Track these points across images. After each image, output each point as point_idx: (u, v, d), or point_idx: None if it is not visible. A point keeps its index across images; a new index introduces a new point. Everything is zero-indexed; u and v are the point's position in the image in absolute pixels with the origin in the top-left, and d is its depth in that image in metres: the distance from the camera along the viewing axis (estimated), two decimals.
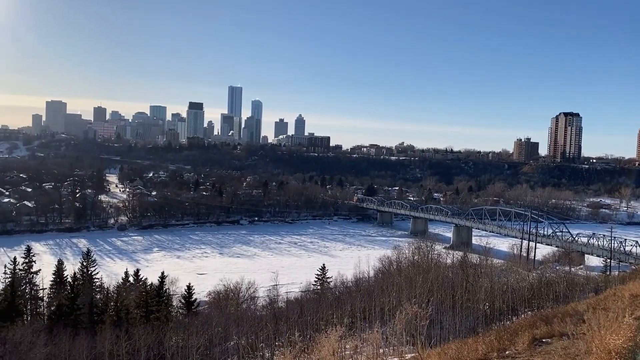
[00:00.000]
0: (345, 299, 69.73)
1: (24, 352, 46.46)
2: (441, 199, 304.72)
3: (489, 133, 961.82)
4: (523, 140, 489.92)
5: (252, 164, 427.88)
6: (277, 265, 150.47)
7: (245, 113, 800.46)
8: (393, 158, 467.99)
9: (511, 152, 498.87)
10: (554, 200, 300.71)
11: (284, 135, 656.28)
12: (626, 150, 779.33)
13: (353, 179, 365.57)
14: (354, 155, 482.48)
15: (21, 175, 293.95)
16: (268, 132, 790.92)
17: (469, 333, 54.33)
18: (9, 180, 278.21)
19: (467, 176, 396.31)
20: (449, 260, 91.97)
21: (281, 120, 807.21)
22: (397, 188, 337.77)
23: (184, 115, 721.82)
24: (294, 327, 56.94)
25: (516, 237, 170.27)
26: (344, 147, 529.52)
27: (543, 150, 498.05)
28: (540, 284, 67.80)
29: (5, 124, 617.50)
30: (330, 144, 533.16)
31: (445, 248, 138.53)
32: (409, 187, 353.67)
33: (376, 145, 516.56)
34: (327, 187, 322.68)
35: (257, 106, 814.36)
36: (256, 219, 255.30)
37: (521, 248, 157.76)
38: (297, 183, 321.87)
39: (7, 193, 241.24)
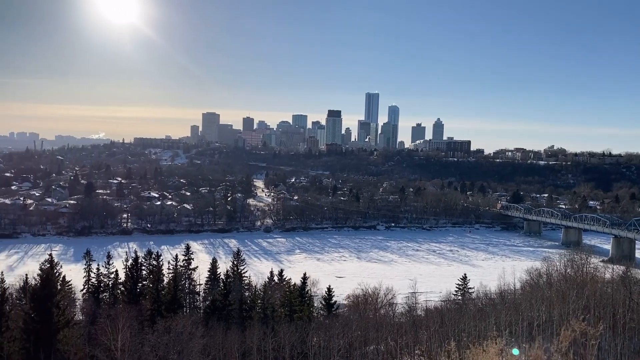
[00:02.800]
0: (488, 311, 66.36)
1: (185, 342, 51.38)
2: (597, 207, 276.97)
3: None
4: None
5: (388, 169, 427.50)
6: (415, 273, 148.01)
7: (382, 119, 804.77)
8: (541, 162, 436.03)
9: None
10: None
11: (421, 140, 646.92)
12: None
13: (496, 185, 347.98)
14: (497, 160, 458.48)
15: (181, 180, 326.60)
16: (405, 137, 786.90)
17: (634, 357, 48.63)
18: (171, 184, 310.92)
19: (629, 182, 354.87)
20: (607, 275, 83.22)
21: (418, 125, 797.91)
22: (546, 195, 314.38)
23: (323, 122, 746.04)
24: (434, 337, 55.69)
25: None
26: (486, 152, 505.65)
27: None
28: None
29: (168, 134, 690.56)
30: (471, 148, 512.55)
31: (602, 261, 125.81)
32: (560, 194, 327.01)
33: (522, 149, 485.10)
34: (468, 193, 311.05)
35: (393, 111, 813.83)
36: (393, 224, 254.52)
37: None
38: (435, 189, 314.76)
39: (170, 196, 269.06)
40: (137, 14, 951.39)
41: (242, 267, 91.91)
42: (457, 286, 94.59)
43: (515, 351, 56.86)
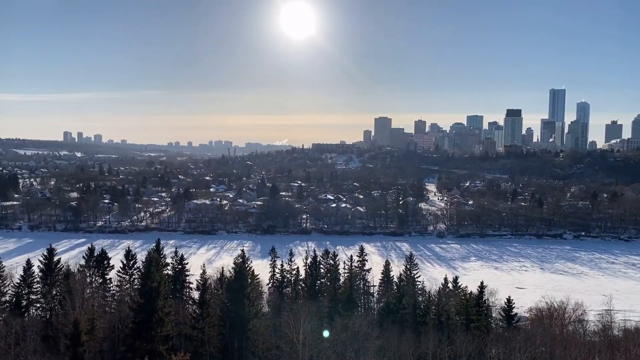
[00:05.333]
0: None
1: (360, 341, 52.77)
2: None
3: None
4: None
5: (577, 172, 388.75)
6: (610, 288, 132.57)
7: (569, 117, 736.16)
8: None
9: None
10: None
11: (618, 140, 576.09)
12: None
13: None
14: None
15: (355, 183, 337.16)
16: (596, 136, 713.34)
17: None
18: (345, 187, 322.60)
19: None
20: None
21: (613, 122, 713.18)
22: None
23: (501, 123, 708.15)
24: None
25: None
26: None
27: None
28: None
29: (343, 140, 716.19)
30: None
31: None
32: None
33: None
34: None
35: (583, 108, 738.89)
36: (582, 233, 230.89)
37: None
38: (635, 194, 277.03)
39: (344, 199, 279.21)
40: (314, 27, 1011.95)
41: (415, 272, 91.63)
42: None
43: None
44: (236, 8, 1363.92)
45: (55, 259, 73.41)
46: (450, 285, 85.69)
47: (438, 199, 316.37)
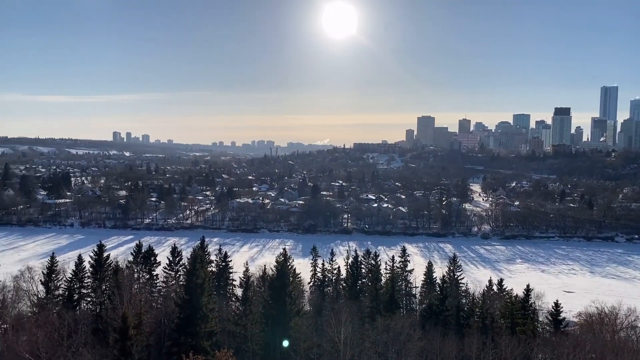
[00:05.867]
0: None
1: (402, 342, 52.29)
2: None
3: None
4: None
5: (630, 173, 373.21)
6: None
7: (622, 115, 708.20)
8: None
9: None
10: None
11: None
12: None
13: None
14: None
15: (397, 183, 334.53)
16: None
17: None
18: (387, 187, 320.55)
19: None
20: None
21: None
22: None
23: (549, 121, 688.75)
24: None
25: None
26: None
27: None
28: None
29: (385, 139, 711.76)
30: None
31: None
32: None
33: None
34: None
35: (637, 106, 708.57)
36: (636, 236, 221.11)
37: None
38: None
39: (386, 199, 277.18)
40: (356, 26, 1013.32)
41: (458, 273, 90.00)
42: None
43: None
44: (279, 10, 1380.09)
45: (105, 255, 76.03)
46: (495, 287, 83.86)
47: (483, 199, 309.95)
